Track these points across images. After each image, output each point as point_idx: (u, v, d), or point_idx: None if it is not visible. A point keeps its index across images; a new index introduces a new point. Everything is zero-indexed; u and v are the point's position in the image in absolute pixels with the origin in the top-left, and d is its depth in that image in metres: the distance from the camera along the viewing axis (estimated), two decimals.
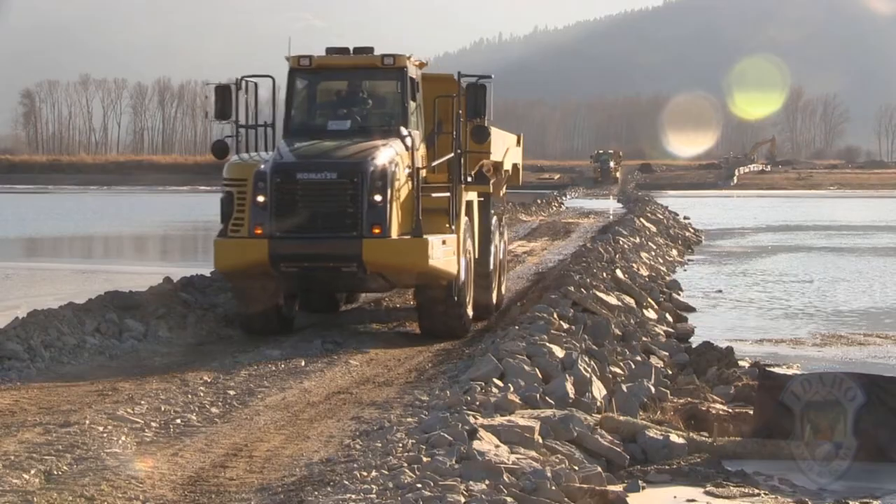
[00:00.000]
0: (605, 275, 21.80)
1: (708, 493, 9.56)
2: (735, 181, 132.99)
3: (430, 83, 17.87)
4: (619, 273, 22.37)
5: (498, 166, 19.86)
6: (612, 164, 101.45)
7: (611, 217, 54.59)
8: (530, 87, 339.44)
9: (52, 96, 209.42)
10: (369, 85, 17.47)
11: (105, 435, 9.88)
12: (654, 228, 43.19)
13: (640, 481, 9.62)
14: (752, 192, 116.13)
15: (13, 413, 10.78)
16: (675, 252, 37.72)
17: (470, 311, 17.15)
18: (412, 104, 17.11)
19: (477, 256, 17.98)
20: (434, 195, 16.30)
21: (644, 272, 26.13)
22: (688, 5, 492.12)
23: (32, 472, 8.67)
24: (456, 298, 16.30)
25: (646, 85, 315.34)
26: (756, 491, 9.61)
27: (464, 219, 16.77)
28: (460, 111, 16.60)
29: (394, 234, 15.64)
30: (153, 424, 10.33)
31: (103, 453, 9.28)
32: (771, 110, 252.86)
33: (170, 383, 12.35)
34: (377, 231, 15.50)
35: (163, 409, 10.97)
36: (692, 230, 48.68)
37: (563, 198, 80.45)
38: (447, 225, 16.16)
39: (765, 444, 10.88)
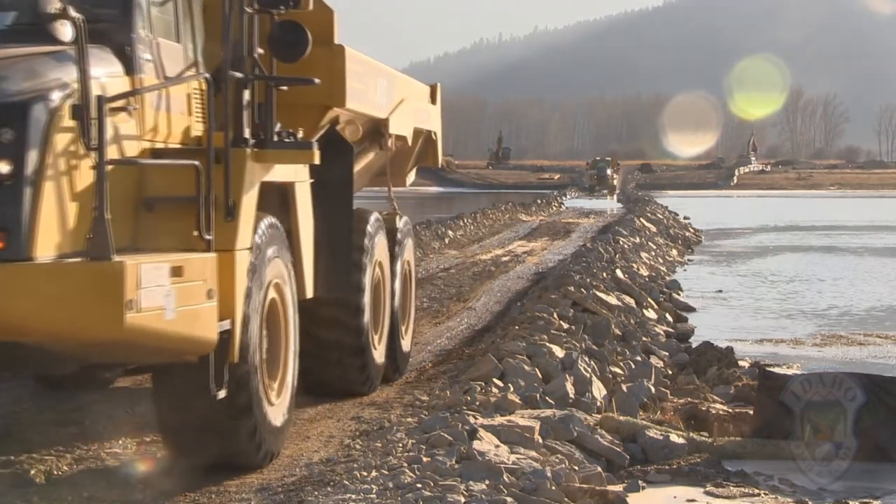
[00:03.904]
0: (605, 275, 21.83)
1: (708, 493, 9.56)
2: (735, 181, 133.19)
3: None
4: (619, 273, 22.40)
5: (379, 126, 12.33)
6: (609, 171, 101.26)
7: (608, 217, 54.65)
8: (530, 87, 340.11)
9: None
10: None
11: (105, 435, 9.88)
12: (653, 228, 43.26)
13: (640, 481, 9.62)
14: (752, 192, 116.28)
15: (13, 413, 10.78)
16: (675, 252, 37.75)
17: (282, 415, 9.18)
18: None
19: (313, 293, 10.15)
20: (150, 162, 8.07)
21: (644, 272, 26.16)
22: (688, 5, 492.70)
23: (32, 472, 8.67)
24: (220, 390, 8.12)
25: (646, 85, 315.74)
26: (756, 491, 9.61)
27: (259, 222, 8.69)
28: None
29: (41, 252, 7.13)
30: (153, 424, 10.32)
31: (103, 453, 9.29)
32: (771, 110, 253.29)
33: None
34: None
35: None
36: (692, 230, 48.72)
37: (563, 198, 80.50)
38: (194, 232, 7.88)
39: (765, 444, 10.88)
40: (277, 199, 9.56)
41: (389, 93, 12.51)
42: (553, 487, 8.37)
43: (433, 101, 15.19)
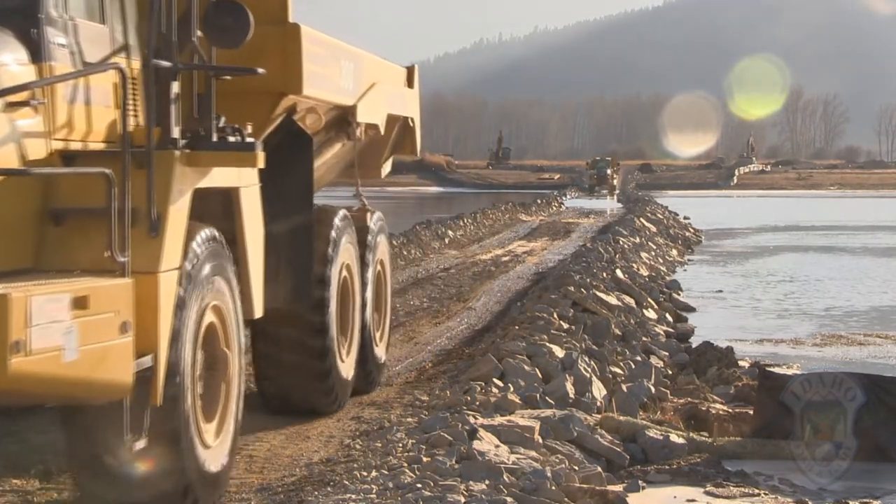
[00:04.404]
0: (605, 275, 21.82)
1: (708, 493, 9.56)
2: (735, 181, 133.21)
3: None
4: (619, 273, 22.40)
5: (346, 114, 11.11)
6: (608, 171, 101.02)
7: (608, 217, 54.66)
8: (530, 87, 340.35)
9: None
10: None
11: None
12: (654, 228, 43.24)
13: (640, 481, 9.62)
14: (752, 192, 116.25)
15: (12, 413, 10.78)
16: (675, 252, 37.75)
17: (221, 459, 7.83)
18: None
19: (262, 311, 8.88)
20: (42, 171, 6.68)
21: (644, 272, 26.16)
22: (688, 5, 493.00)
23: (32, 472, 8.67)
24: (139, 440, 6.91)
25: (646, 85, 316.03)
26: (756, 491, 9.61)
27: (193, 236, 7.41)
28: None
29: None
30: None
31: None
32: (771, 110, 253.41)
33: None
34: None
35: None
36: (692, 230, 48.70)
37: (564, 198, 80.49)
38: (106, 253, 6.61)
39: (765, 444, 10.89)
40: (219, 206, 8.24)
41: (357, 76, 11.10)
42: (553, 487, 8.37)
43: (410, 84, 13.89)
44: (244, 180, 8.36)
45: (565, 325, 15.56)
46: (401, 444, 9.26)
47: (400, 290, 21.98)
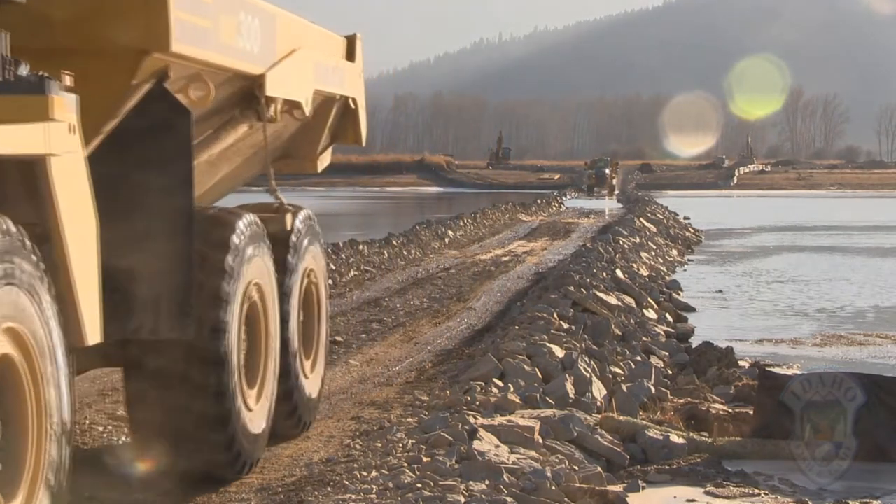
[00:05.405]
0: (605, 275, 21.83)
1: (708, 493, 9.56)
2: (735, 181, 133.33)
3: None
4: (619, 273, 22.40)
5: (252, 86, 8.48)
6: (607, 171, 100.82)
7: (607, 217, 54.66)
8: (530, 87, 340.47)
9: None
10: None
11: (105, 435, 9.88)
12: (654, 228, 43.26)
13: (640, 481, 9.62)
14: (752, 192, 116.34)
15: None
16: (675, 252, 37.75)
17: None
18: None
19: (102, 336, 6.23)
20: None
21: (644, 272, 26.17)
22: (688, 5, 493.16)
23: None
24: None
25: (646, 85, 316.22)
26: (756, 491, 9.61)
27: None
28: None
29: None
30: None
31: (103, 453, 9.28)
32: (771, 110, 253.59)
33: None
34: None
35: None
36: (692, 230, 48.72)
37: (563, 198, 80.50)
38: None
39: (765, 444, 10.89)
40: (16, 184, 5.66)
41: (266, 38, 8.49)
42: (553, 487, 8.37)
43: (350, 57, 11.28)
44: (56, 145, 5.63)
45: (565, 325, 15.57)
46: (401, 444, 9.26)
47: (400, 290, 22.01)
